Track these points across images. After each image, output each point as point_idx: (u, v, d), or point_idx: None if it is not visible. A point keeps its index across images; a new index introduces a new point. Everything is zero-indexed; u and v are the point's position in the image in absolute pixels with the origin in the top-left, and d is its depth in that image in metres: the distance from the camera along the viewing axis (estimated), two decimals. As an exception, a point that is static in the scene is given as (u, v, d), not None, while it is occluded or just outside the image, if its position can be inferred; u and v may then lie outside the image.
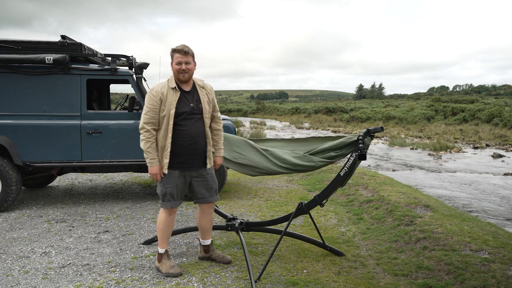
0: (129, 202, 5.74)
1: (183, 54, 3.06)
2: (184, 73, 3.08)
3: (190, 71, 3.11)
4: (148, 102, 3.07)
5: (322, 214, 5.19)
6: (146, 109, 3.08)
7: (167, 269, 3.28)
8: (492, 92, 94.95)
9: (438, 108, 29.49)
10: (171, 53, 3.13)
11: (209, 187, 3.31)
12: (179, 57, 3.06)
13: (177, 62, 3.07)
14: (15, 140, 5.09)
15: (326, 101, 69.88)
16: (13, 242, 4.10)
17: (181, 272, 3.29)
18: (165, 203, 3.21)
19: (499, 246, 3.55)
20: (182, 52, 3.06)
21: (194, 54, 3.15)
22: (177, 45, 3.12)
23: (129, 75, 5.45)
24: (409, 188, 6.23)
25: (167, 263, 3.31)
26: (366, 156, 3.15)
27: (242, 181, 7.28)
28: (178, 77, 3.11)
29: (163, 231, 3.29)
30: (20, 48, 5.08)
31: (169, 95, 3.07)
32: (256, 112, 48.60)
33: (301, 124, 29.55)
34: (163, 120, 3.07)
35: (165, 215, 3.26)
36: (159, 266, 3.33)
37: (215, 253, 3.57)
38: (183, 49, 3.07)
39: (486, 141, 16.75)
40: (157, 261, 3.36)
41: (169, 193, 3.17)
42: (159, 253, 3.34)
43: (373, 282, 3.17)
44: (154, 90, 3.09)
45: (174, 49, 3.10)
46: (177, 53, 3.07)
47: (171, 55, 3.12)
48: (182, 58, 3.06)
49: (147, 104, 3.07)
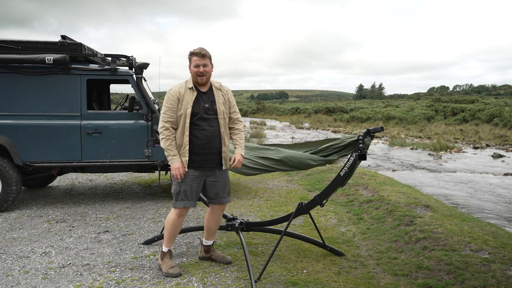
0: (129, 202, 5.74)
1: (200, 57, 3.12)
2: (202, 76, 3.14)
3: (208, 74, 3.17)
4: (167, 101, 3.15)
5: (322, 214, 5.19)
6: (164, 108, 3.15)
7: (167, 268, 3.29)
8: (492, 92, 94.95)
9: (438, 108, 29.50)
10: (188, 56, 3.19)
11: (222, 188, 3.32)
12: (197, 60, 3.12)
13: (195, 64, 3.13)
14: (15, 140, 5.10)
15: (326, 101, 69.89)
16: (13, 242, 4.10)
17: (180, 273, 3.29)
18: (178, 202, 3.20)
19: (499, 246, 3.55)
20: (199, 55, 3.12)
21: (211, 57, 3.21)
22: (195, 48, 3.18)
23: (129, 75, 5.45)
24: (409, 188, 6.23)
25: (168, 262, 3.32)
26: (366, 156, 3.15)
27: (242, 181, 7.28)
28: (196, 80, 3.17)
29: (169, 231, 3.30)
30: (20, 48, 5.08)
31: (186, 95, 3.14)
32: (256, 112, 48.61)
33: (301, 124, 29.56)
34: (180, 119, 3.13)
35: (175, 216, 3.25)
36: (161, 264, 3.35)
37: (215, 254, 3.58)
38: (200, 52, 3.13)
39: (486, 141, 16.75)
40: (160, 259, 3.38)
41: (183, 192, 3.19)
42: (162, 251, 3.35)
43: (373, 282, 3.17)
44: (172, 90, 3.17)
45: (192, 52, 3.16)
46: (195, 56, 3.13)
47: (189, 58, 3.18)
48: (199, 61, 3.12)
49: (165, 103, 3.15)
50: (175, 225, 3.26)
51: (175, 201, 3.22)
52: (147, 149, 5.36)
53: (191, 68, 3.16)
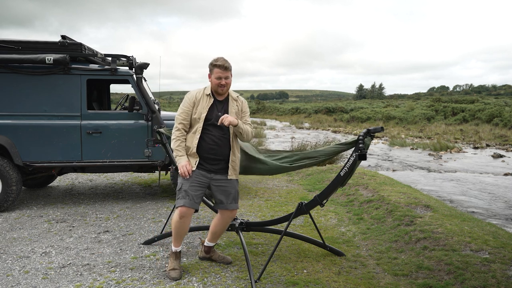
0: (129, 202, 5.74)
1: (223, 69, 3.17)
2: (223, 87, 3.20)
3: (228, 85, 3.23)
4: (183, 105, 3.24)
5: (322, 214, 5.19)
6: (180, 110, 3.25)
7: (169, 269, 3.31)
8: (492, 92, 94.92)
9: (438, 108, 29.51)
10: (210, 66, 3.22)
11: (228, 194, 3.30)
12: (219, 72, 3.16)
13: (217, 76, 3.17)
14: (15, 140, 5.10)
15: (326, 101, 69.89)
16: (13, 242, 4.10)
17: (178, 278, 3.24)
18: (179, 201, 3.21)
19: (499, 246, 3.55)
20: (222, 68, 3.16)
21: (231, 68, 3.26)
22: (216, 58, 3.21)
23: (129, 75, 5.45)
24: (409, 188, 6.23)
25: (172, 263, 3.34)
26: (366, 156, 3.15)
27: (242, 181, 7.28)
28: (216, 90, 3.23)
29: (174, 230, 3.31)
30: (20, 48, 5.09)
31: (203, 101, 3.22)
32: (256, 112, 48.62)
33: (301, 124, 29.56)
34: (194, 122, 3.22)
35: (176, 216, 3.22)
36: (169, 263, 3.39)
37: (215, 254, 3.59)
38: (223, 65, 3.17)
39: (486, 141, 16.75)
40: (170, 257, 3.41)
41: (184, 190, 3.20)
42: (171, 250, 3.38)
43: (373, 282, 3.17)
44: (190, 94, 3.27)
45: (215, 64, 3.19)
46: (217, 68, 3.17)
47: (210, 69, 3.22)
48: (222, 73, 3.16)
49: (182, 106, 3.25)
50: (177, 226, 3.24)
51: (177, 198, 3.23)
52: (147, 149, 5.36)
53: (212, 78, 3.21)
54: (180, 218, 3.20)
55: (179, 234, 3.30)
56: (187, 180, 3.18)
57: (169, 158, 4.92)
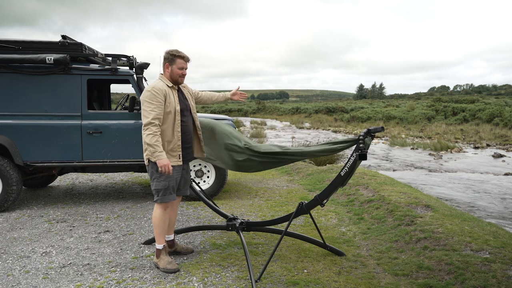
0: (130, 202, 5.74)
1: (186, 60, 3.35)
2: (183, 77, 3.37)
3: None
4: (153, 99, 3.16)
5: (322, 214, 5.19)
6: (151, 105, 3.15)
7: (165, 264, 3.35)
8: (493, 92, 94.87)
9: (438, 108, 29.50)
10: (171, 56, 3.31)
11: (187, 179, 3.57)
12: (182, 63, 3.32)
13: (180, 67, 3.31)
14: (15, 140, 5.10)
15: (327, 101, 69.87)
16: (13, 242, 4.10)
17: (178, 268, 3.34)
18: (167, 197, 3.29)
19: (500, 246, 3.55)
20: (186, 59, 3.34)
21: None
22: (177, 50, 3.34)
23: (129, 75, 5.45)
24: (410, 188, 6.23)
25: (165, 258, 3.38)
26: (366, 156, 3.15)
27: (242, 181, 7.28)
28: (177, 80, 3.34)
29: (159, 227, 3.37)
30: (20, 48, 5.09)
31: (170, 93, 3.27)
32: (256, 112, 48.62)
33: (302, 124, 29.55)
34: (167, 116, 3.22)
35: (161, 210, 3.34)
36: (157, 262, 3.40)
37: (179, 246, 3.73)
38: (187, 56, 3.35)
39: (486, 141, 16.74)
40: (156, 257, 3.42)
41: (172, 187, 3.29)
42: (157, 249, 3.40)
43: (373, 282, 3.17)
44: (157, 88, 3.21)
45: (178, 55, 3.30)
46: (180, 59, 3.31)
47: (171, 59, 3.31)
48: (185, 64, 3.34)
49: (152, 101, 3.16)
50: (163, 218, 3.36)
51: (163, 196, 3.28)
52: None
53: (173, 68, 3.31)
54: (165, 210, 3.35)
55: (164, 227, 3.40)
56: (171, 177, 3.27)
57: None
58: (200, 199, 4.15)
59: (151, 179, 3.32)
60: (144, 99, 3.16)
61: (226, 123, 3.96)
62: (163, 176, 3.23)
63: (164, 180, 3.25)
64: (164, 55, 3.35)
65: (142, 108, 3.19)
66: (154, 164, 3.23)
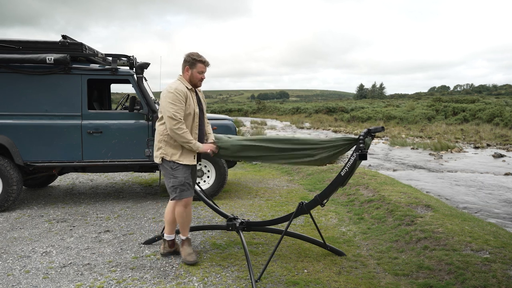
0: (130, 202, 5.75)
1: (206, 65, 3.44)
2: (201, 82, 3.45)
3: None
4: (176, 100, 3.23)
5: (322, 214, 5.19)
6: (175, 106, 3.23)
7: (185, 255, 3.49)
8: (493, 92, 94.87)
9: (439, 108, 29.48)
10: (192, 60, 3.37)
11: (195, 179, 3.65)
12: (203, 67, 3.41)
13: (200, 71, 3.40)
14: (16, 139, 5.10)
15: (327, 101, 69.86)
16: (14, 241, 4.10)
17: (197, 260, 3.48)
18: (185, 193, 3.38)
19: (500, 246, 3.55)
20: (206, 64, 3.43)
21: None
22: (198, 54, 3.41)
23: (129, 75, 5.45)
24: (410, 188, 6.23)
25: (187, 249, 3.52)
26: (367, 156, 3.15)
27: (242, 181, 7.28)
28: (196, 84, 3.43)
29: (182, 222, 3.49)
30: (21, 48, 5.09)
31: (189, 95, 3.35)
32: (256, 112, 48.59)
33: (302, 124, 29.55)
34: (187, 117, 3.33)
35: (182, 208, 3.42)
36: (181, 251, 3.58)
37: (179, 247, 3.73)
38: (207, 61, 3.44)
39: (487, 141, 16.74)
40: (180, 246, 3.61)
41: (187, 183, 3.39)
42: (182, 239, 3.59)
43: (373, 282, 3.17)
44: (179, 89, 3.28)
45: (199, 60, 3.40)
46: (201, 64, 3.40)
47: (192, 63, 3.37)
48: (204, 69, 3.43)
49: (175, 102, 3.23)
50: (184, 215, 3.45)
51: (181, 192, 3.37)
52: (147, 149, 5.36)
53: (194, 72, 3.37)
54: (186, 207, 3.42)
55: (187, 221, 3.51)
56: (187, 174, 3.37)
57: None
58: (200, 199, 4.15)
59: (167, 178, 3.40)
60: (167, 100, 3.23)
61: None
62: (179, 172, 3.34)
63: (181, 175, 3.35)
64: (185, 58, 3.40)
65: (165, 108, 3.23)
66: (168, 163, 3.34)
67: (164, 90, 3.33)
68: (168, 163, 3.35)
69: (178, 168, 3.34)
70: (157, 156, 3.38)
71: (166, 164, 3.36)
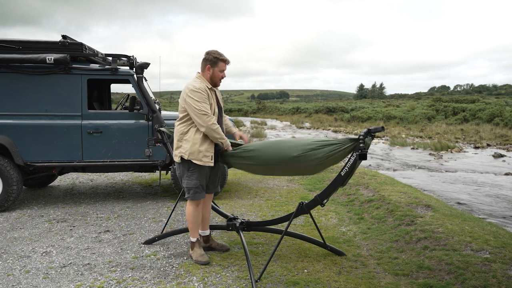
0: (130, 202, 5.75)
1: (227, 64, 3.42)
2: (221, 80, 3.44)
3: None
4: (202, 98, 3.24)
5: (322, 213, 5.18)
6: (204, 104, 3.23)
7: (197, 256, 3.51)
8: (493, 92, 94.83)
9: (439, 108, 29.48)
10: (214, 59, 3.34)
11: (217, 178, 3.68)
12: (224, 66, 3.40)
13: (221, 70, 3.39)
14: (16, 139, 5.10)
15: (327, 101, 69.84)
16: (14, 241, 4.10)
17: (208, 261, 3.49)
18: (197, 195, 3.41)
19: (500, 246, 3.55)
20: (227, 63, 3.42)
21: None
22: (220, 53, 3.38)
23: (129, 75, 5.45)
24: (410, 188, 6.23)
25: (198, 251, 3.54)
26: (366, 156, 3.15)
27: (242, 181, 7.29)
28: (216, 83, 3.42)
29: (192, 222, 3.50)
30: (21, 48, 5.09)
31: (210, 94, 3.35)
32: (256, 112, 48.61)
33: (302, 124, 29.55)
34: None
35: (193, 207, 3.46)
36: (191, 254, 3.59)
37: (214, 242, 3.80)
38: (228, 60, 3.41)
39: (487, 140, 16.73)
40: (190, 249, 3.62)
41: (201, 185, 3.42)
42: (192, 242, 3.59)
43: (373, 282, 3.17)
44: (202, 88, 3.28)
45: (221, 58, 3.36)
46: (223, 62, 3.38)
47: (214, 61, 3.34)
48: (225, 67, 3.42)
49: (201, 100, 3.23)
50: (195, 215, 3.49)
51: (194, 193, 3.41)
52: (147, 149, 5.37)
53: (215, 71, 3.35)
54: (197, 206, 3.47)
55: (197, 222, 3.53)
56: (201, 176, 3.39)
57: (169, 158, 4.91)
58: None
59: (183, 177, 3.43)
60: (194, 99, 3.21)
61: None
62: (195, 175, 3.37)
63: (195, 179, 3.38)
64: (206, 57, 3.37)
65: (193, 106, 3.20)
66: (186, 162, 3.36)
67: (185, 89, 3.31)
68: (186, 163, 3.37)
69: (195, 171, 3.37)
70: (176, 155, 3.40)
71: (185, 164, 3.39)
